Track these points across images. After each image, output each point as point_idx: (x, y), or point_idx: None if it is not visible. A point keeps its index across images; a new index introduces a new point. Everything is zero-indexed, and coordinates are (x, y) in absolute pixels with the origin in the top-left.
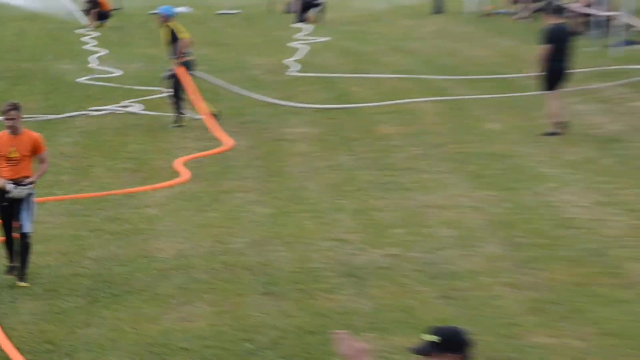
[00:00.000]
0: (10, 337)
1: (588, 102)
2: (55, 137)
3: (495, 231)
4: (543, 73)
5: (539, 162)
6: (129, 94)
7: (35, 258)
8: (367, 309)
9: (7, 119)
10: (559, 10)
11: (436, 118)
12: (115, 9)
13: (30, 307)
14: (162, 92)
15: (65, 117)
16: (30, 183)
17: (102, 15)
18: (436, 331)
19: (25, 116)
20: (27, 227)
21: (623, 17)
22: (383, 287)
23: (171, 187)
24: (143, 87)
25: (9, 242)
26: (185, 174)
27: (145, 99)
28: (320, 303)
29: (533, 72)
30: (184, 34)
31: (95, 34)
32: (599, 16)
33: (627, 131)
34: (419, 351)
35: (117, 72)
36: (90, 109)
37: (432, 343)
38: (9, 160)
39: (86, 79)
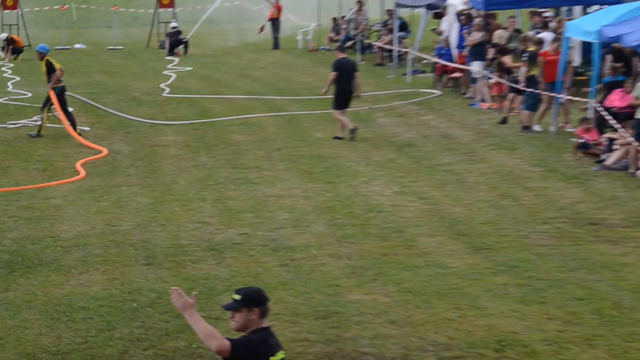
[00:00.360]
0: None
1: (389, 117)
2: None
3: (321, 214)
4: (333, 94)
5: (353, 162)
6: (38, 111)
7: None
8: (225, 275)
9: None
10: (344, 48)
11: (275, 129)
12: (26, 46)
13: None
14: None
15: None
16: None
17: (16, 50)
18: (239, 291)
19: None
20: None
21: (413, 53)
22: (236, 258)
23: (72, 182)
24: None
25: None
26: (82, 173)
27: (49, 115)
28: (188, 271)
29: (327, 92)
30: (57, 66)
31: (10, 64)
32: (397, 51)
33: (419, 138)
34: (229, 307)
35: (28, 94)
36: (7, 122)
37: (236, 301)
38: None
39: (4, 100)
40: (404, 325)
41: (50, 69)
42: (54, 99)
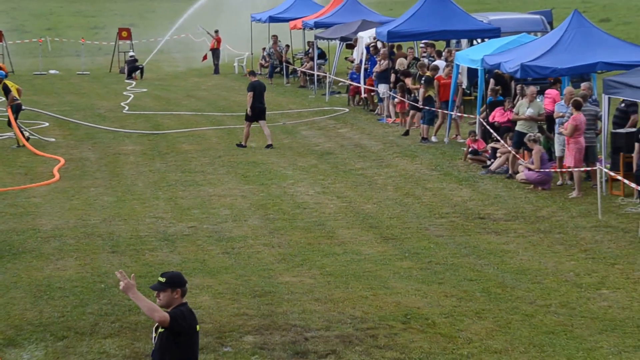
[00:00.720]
0: None
1: (311, 129)
2: None
3: (256, 211)
4: (249, 110)
5: (282, 167)
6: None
7: None
8: (177, 261)
9: None
10: (255, 73)
11: (217, 139)
12: (9, 72)
13: None
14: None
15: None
16: None
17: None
18: (164, 275)
19: None
20: None
21: (330, 77)
22: (186, 247)
23: (48, 184)
24: (27, 121)
25: None
26: (57, 176)
27: (32, 128)
28: (146, 258)
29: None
30: (14, 88)
31: None
32: (316, 76)
33: (336, 147)
34: (155, 288)
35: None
36: None
37: (162, 282)
38: None
39: None
40: (326, 302)
41: (7, 91)
42: (10, 115)
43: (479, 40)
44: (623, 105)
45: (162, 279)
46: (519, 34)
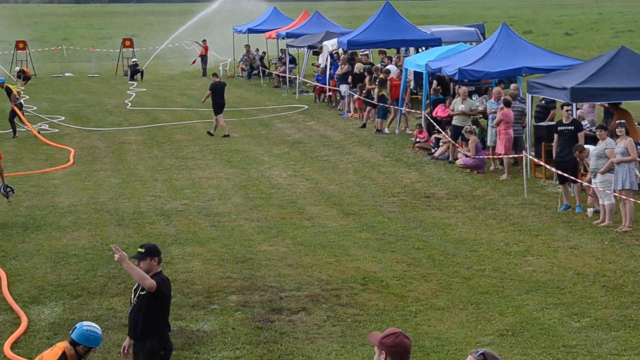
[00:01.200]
0: None
1: (284, 122)
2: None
3: (238, 190)
4: (212, 104)
5: (259, 154)
6: (38, 119)
7: None
8: (172, 232)
9: None
10: (216, 75)
11: (205, 131)
12: (32, 75)
13: None
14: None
15: (8, 131)
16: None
17: (25, 78)
18: (143, 246)
19: None
20: None
21: (299, 79)
22: (180, 221)
23: (65, 168)
24: (46, 115)
25: None
26: (71, 161)
27: (49, 122)
28: (147, 230)
29: (205, 101)
30: (15, 90)
31: (22, 88)
32: (288, 77)
33: (305, 138)
34: (136, 257)
35: (34, 107)
36: (19, 127)
37: (142, 252)
38: None
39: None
40: (298, 267)
41: (9, 92)
42: (17, 111)
43: (424, 48)
44: (544, 102)
45: (142, 250)
46: (456, 44)
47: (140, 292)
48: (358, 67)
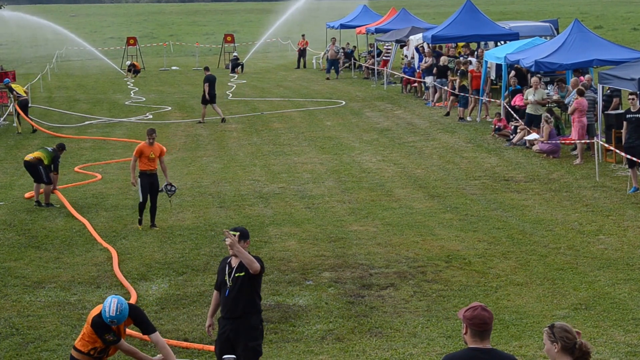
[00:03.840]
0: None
1: (373, 111)
2: (113, 132)
3: (331, 175)
4: (210, 94)
5: (351, 140)
6: (146, 109)
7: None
8: (270, 214)
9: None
10: (208, 69)
11: (300, 119)
12: (142, 69)
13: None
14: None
15: (118, 120)
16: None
17: (135, 72)
18: (235, 229)
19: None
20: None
21: (387, 71)
22: (277, 203)
23: (171, 154)
24: (158, 106)
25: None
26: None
27: (154, 112)
28: (246, 211)
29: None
30: (19, 89)
31: (132, 80)
32: (377, 70)
33: (393, 126)
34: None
35: (143, 99)
36: (132, 118)
37: (233, 235)
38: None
39: (128, 102)
40: (386, 246)
41: (11, 90)
42: (18, 108)
43: (502, 42)
44: (608, 91)
45: (236, 233)
46: (532, 38)
47: (237, 274)
48: (443, 60)
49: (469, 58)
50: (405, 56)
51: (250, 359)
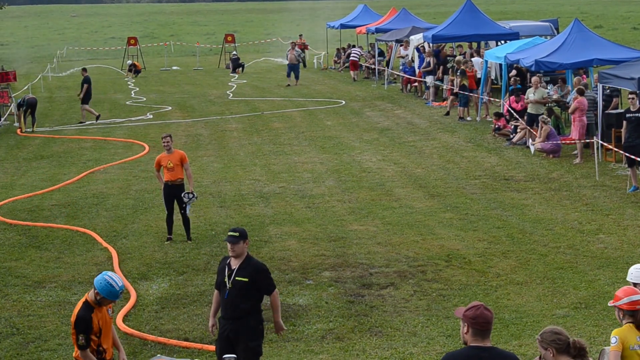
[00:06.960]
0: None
1: (373, 111)
2: (113, 132)
3: (331, 174)
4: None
5: (351, 140)
6: (147, 109)
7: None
8: (270, 213)
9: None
10: (86, 70)
11: (300, 119)
12: (142, 69)
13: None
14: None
15: (122, 120)
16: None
17: (136, 72)
18: (235, 230)
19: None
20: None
21: (388, 70)
22: (277, 203)
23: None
24: (158, 105)
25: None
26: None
27: (154, 112)
28: (247, 211)
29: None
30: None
31: (133, 80)
32: (377, 69)
33: (393, 125)
34: (230, 241)
35: (144, 99)
36: (131, 118)
37: (235, 236)
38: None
39: (129, 102)
40: (387, 245)
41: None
42: (15, 111)
43: (503, 41)
44: (608, 91)
45: (236, 233)
46: (532, 37)
47: (239, 278)
48: (443, 54)
49: (473, 58)
50: (404, 56)
51: (251, 358)
